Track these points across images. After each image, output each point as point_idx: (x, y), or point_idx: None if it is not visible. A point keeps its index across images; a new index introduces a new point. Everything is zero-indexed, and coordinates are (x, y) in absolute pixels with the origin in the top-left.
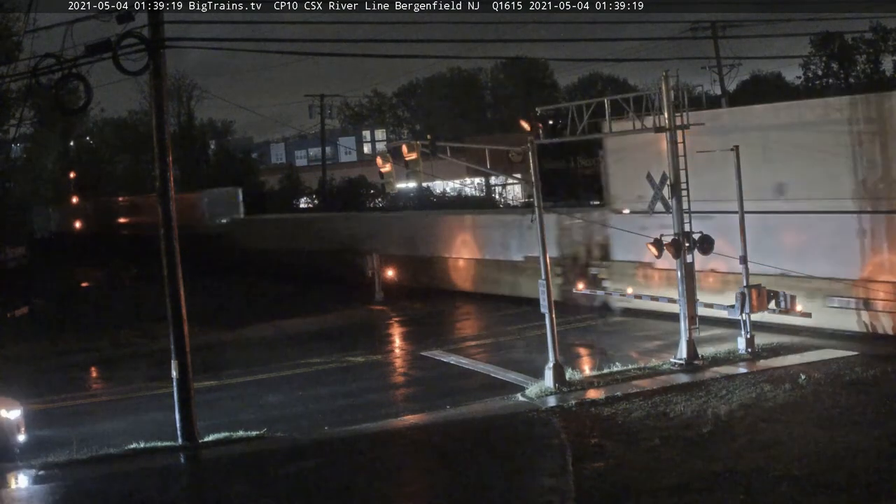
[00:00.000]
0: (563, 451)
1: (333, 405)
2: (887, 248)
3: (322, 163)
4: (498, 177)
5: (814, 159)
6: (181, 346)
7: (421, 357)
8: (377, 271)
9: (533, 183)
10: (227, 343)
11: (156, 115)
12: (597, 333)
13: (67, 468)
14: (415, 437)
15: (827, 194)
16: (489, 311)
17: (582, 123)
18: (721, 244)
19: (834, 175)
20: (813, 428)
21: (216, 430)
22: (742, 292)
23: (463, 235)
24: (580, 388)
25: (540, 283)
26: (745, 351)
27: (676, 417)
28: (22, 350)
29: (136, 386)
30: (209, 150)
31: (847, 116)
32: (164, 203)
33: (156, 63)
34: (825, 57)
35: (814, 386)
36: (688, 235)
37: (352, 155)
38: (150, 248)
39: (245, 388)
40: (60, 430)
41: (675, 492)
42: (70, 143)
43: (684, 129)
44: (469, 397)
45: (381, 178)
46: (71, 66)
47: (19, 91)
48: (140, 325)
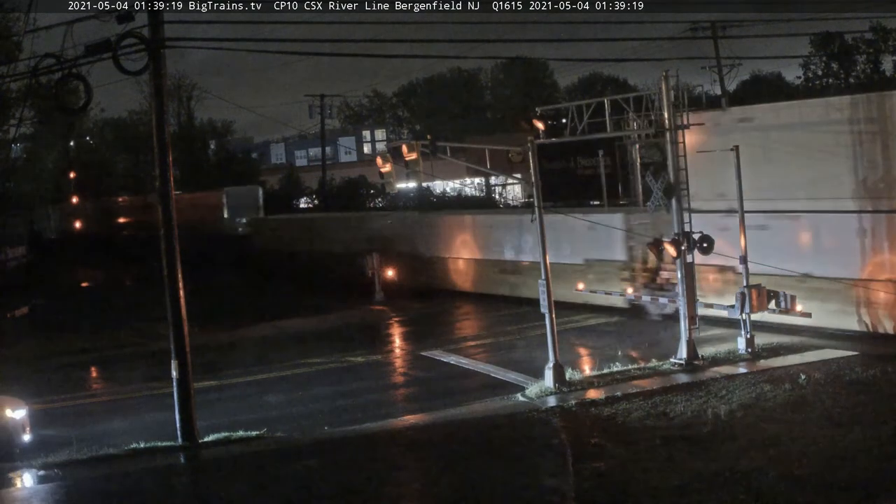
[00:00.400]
0: (563, 451)
1: (333, 405)
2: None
3: (322, 163)
4: (498, 177)
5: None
6: (181, 346)
7: (421, 357)
8: (377, 271)
9: (533, 183)
10: (229, 343)
11: (156, 115)
12: (597, 333)
13: (67, 468)
14: (415, 437)
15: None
16: (489, 311)
17: (582, 123)
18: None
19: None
20: (813, 428)
21: (216, 430)
22: (742, 292)
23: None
24: (580, 388)
25: (540, 283)
26: (745, 351)
27: (676, 417)
28: (22, 350)
29: (136, 386)
30: (209, 150)
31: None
32: (164, 203)
33: (156, 63)
34: (825, 57)
35: (814, 386)
36: (688, 235)
37: (352, 155)
38: (151, 247)
39: (245, 388)
40: (60, 429)
41: (675, 492)
42: (70, 143)
43: (684, 129)
44: (469, 397)
45: (381, 178)
46: (71, 66)
47: (19, 91)
48: (140, 325)
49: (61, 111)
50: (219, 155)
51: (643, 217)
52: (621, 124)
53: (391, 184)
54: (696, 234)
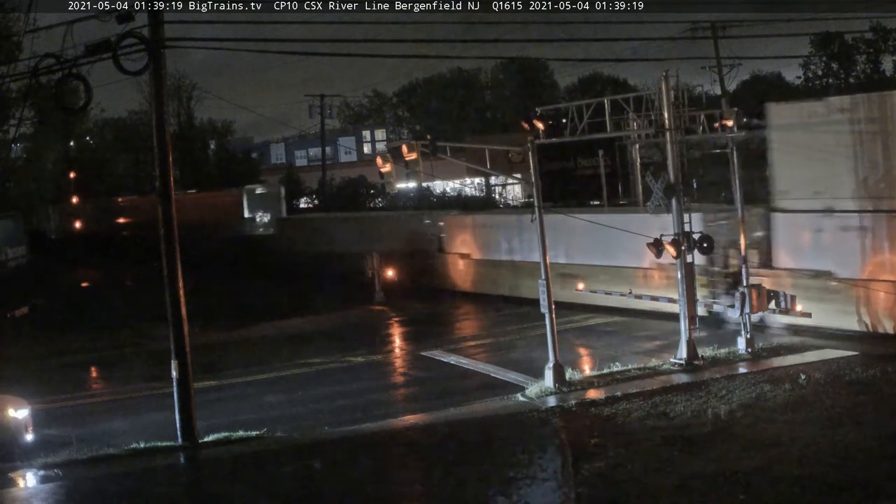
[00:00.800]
0: (563, 451)
1: (333, 405)
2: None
3: (322, 163)
4: (498, 177)
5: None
6: (181, 346)
7: (421, 357)
8: (377, 271)
9: (533, 183)
10: (228, 343)
11: (156, 116)
12: (597, 333)
13: (67, 468)
14: (415, 437)
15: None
16: (488, 311)
17: (582, 123)
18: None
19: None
20: (813, 428)
21: (216, 430)
22: (742, 292)
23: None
24: (580, 388)
25: (540, 282)
26: (745, 351)
27: (676, 417)
28: (22, 350)
29: (136, 386)
30: (209, 150)
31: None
32: (164, 203)
33: (156, 63)
34: (825, 57)
35: (814, 386)
36: (688, 235)
37: (352, 155)
38: (152, 248)
39: (245, 388)
40: (60, 429)
41: (675, 492)
42: (70, 143)
43: (683, 130)
44: (469, 397)
45: (381, 178)
46: (71, 66)
47: (19, 91)
48: (140, 325)
49: (61, 111)
50: (219, 155)
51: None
52: (621, 124)
53: (391, 184)
54: (697, 234)
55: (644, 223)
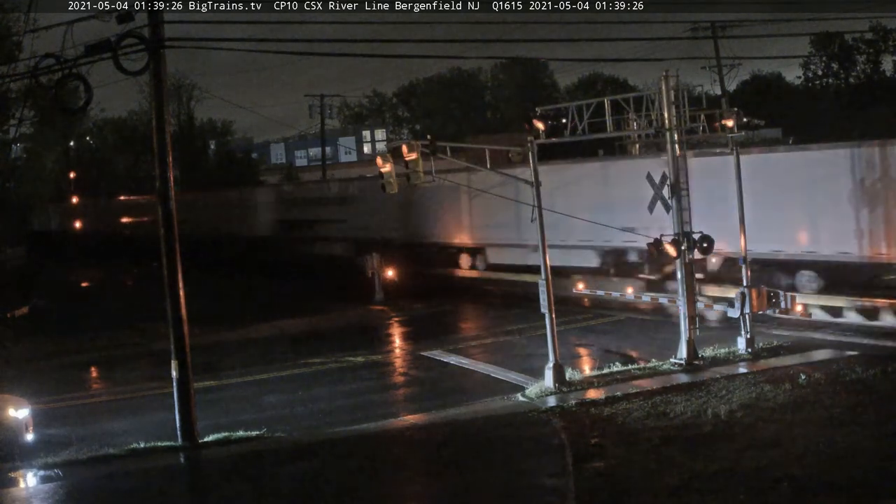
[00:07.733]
0: (563, 451)
1: (333, 405)
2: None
3: (322, 163)
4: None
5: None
6: (181, 345)
7: (421, 357)
8: (377, 271)
9: (533, 183)
10: (227, 343)
11: (156, 116)
12: (596, 333)
13: (68, 468)
14: (415, 437)
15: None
16: (488, 311)
17: (582, 123)
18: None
19: None
20: (813, 428)
21: (216, 430)
22: (742, 292)
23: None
24: (580, 388)
25: (539, 282)
26: (745, 351)
27: (676, 417)
28: (22, 350)
29: (136, 386)
30: (209, 150)
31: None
32: (164, 203)
33: (156, 63)
34: (825, 57)
35: (814, 386)
36: (688, 235)
37: (352, 155)
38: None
39: (245, 388)
40: (60, 429)
41: (675, 492)
42: (70, 143)
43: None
44: (469, 397)
45: (381, 178)
46: (71, 66)
47: (19, 91)
48: (140, 325)
49: (61, 111)
50: (219, 155)
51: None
52: (621, 124)
53: (391, 184)
54: (697, 233)
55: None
